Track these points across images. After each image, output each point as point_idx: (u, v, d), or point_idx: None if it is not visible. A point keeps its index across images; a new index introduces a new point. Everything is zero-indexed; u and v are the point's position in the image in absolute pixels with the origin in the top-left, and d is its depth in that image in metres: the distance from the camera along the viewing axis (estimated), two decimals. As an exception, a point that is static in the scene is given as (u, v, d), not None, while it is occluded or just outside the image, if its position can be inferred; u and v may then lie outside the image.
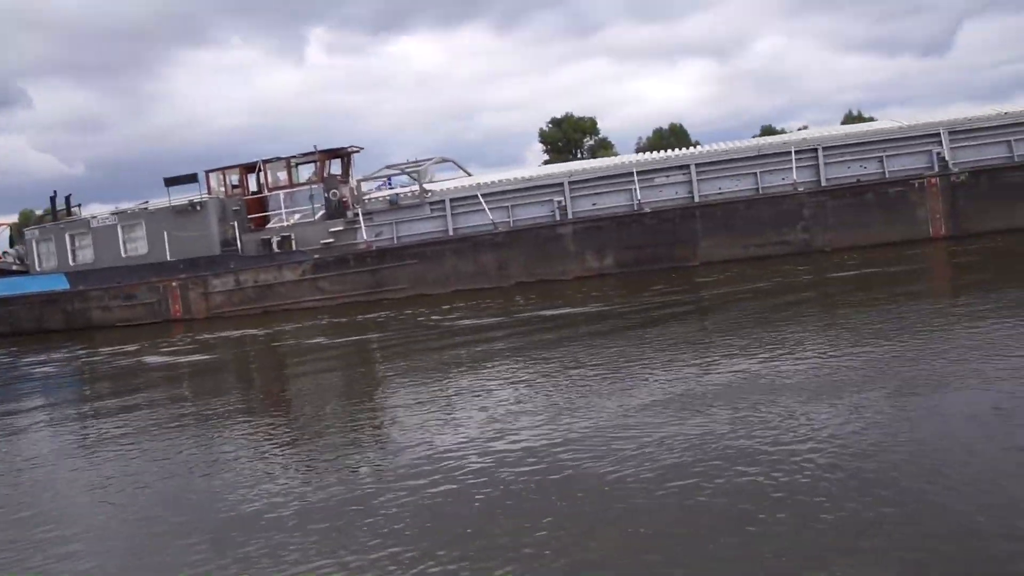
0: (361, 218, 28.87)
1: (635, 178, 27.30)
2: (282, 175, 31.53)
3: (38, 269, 32.20)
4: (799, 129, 75.45)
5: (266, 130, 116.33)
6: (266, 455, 10.51)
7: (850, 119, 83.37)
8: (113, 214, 31.80)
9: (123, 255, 31.01)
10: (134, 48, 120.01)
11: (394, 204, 29.04)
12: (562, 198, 27.96)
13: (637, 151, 66.87)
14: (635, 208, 27.26)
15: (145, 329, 28.96)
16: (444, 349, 17.28)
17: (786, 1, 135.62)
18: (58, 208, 33.64)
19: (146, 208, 31.49)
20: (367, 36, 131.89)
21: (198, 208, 30.15)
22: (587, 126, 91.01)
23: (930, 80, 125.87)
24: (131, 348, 23.85)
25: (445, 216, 28.66)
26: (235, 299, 29.49)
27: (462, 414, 11.21)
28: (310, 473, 9.46)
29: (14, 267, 33.28)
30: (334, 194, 30.27)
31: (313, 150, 30.54)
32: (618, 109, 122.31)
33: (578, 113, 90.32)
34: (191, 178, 31.06)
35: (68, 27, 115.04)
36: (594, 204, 28.01)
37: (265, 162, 30.79)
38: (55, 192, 33.68)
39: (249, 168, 31.80)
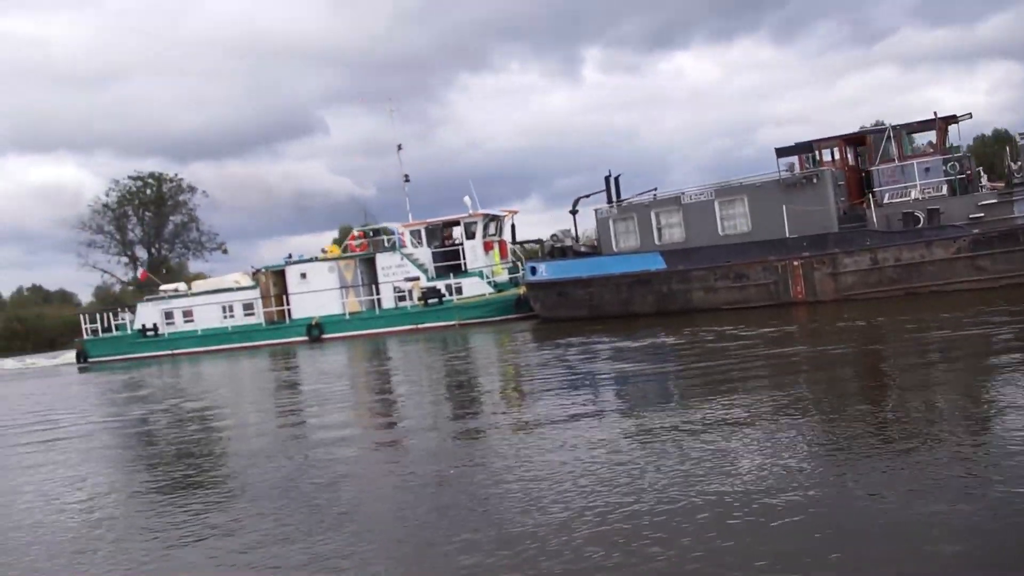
0: (1034, 188, 25.36)
1: None
2: (891, 147, 28.45)
3: (615, 249, 30.22)
4: None
5: (543, 150, 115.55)
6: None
7: None
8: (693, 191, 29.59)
9: (720, 233, 28.61)
10: (419, 76, 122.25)
11: (1070, 171, 25.40)
12: None
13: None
14: None
15: (760, 313, 26.19)
16: None
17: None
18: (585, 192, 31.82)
19: (748, 183, 28.96)
20: (642, 54, 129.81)
21: (814, 181, 27.37)
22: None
23: None
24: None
25: None
26: (871, 280, 26.45)
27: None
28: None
29: (583, 248, 31.61)
30: (953, 167, 27.05)
31: (932, 117, 27.30)
32: (910, 119, 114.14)
33: (867, 121, 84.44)
34: (806, 148, 28.50)
35: (358, 59, 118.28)
36: None
37: (872, 133, 27.83)
38: (609, 172, 31.87)
39: (850, 140, 28.99)
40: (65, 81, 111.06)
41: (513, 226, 38.54)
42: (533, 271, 31.61)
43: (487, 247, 37.25)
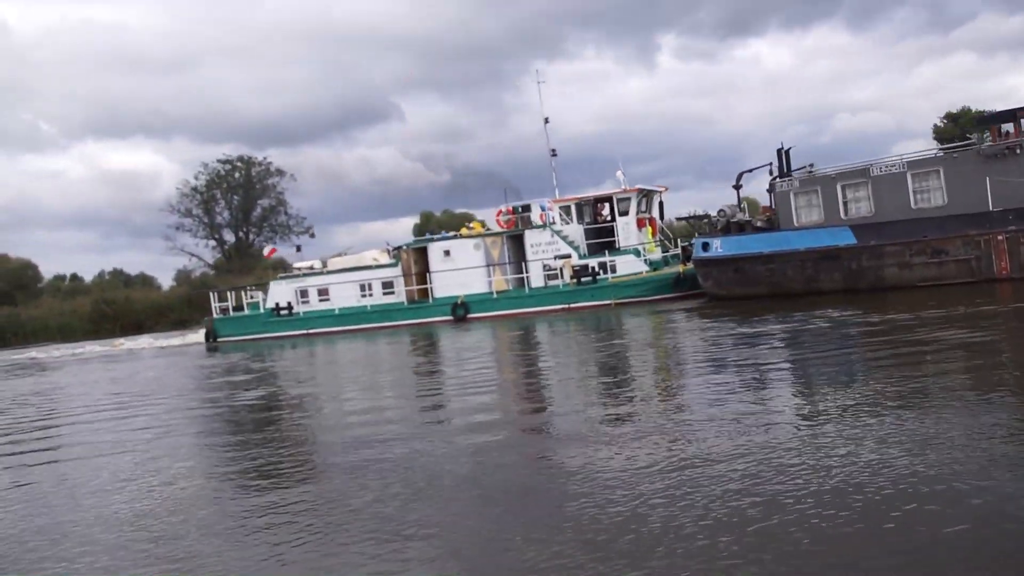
0: None
1: None
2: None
3: (795, 224, 29.19)
4: None
5: (618, 136, 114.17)
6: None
7: None
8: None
9: (912, 206, 27.44)
10: (493, 63, 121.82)
11: None
12: None
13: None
14: None
15: (960, 290, 25.03)
16: None
17: None
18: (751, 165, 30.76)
19: (945, 154, 27.77)
20: (717, 41, 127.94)
21: (1018, 151, 26.12)
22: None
23: None
24: None
25: None
26: (1081, 255, 25.22)
27: None
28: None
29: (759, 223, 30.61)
30: None
31: None
32: (987, 106, 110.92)
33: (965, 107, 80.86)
34: (1006, 117, 27.28)
35: (432, 45, 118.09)
36: None
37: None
38: (781, 144, 30.92)
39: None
40: (141, 67, 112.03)
41: (661, 203, 37.59)
42: (705, 247, 30.63)
43: (639, 224, 36.28)
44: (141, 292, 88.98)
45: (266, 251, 46.88)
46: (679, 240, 38.78)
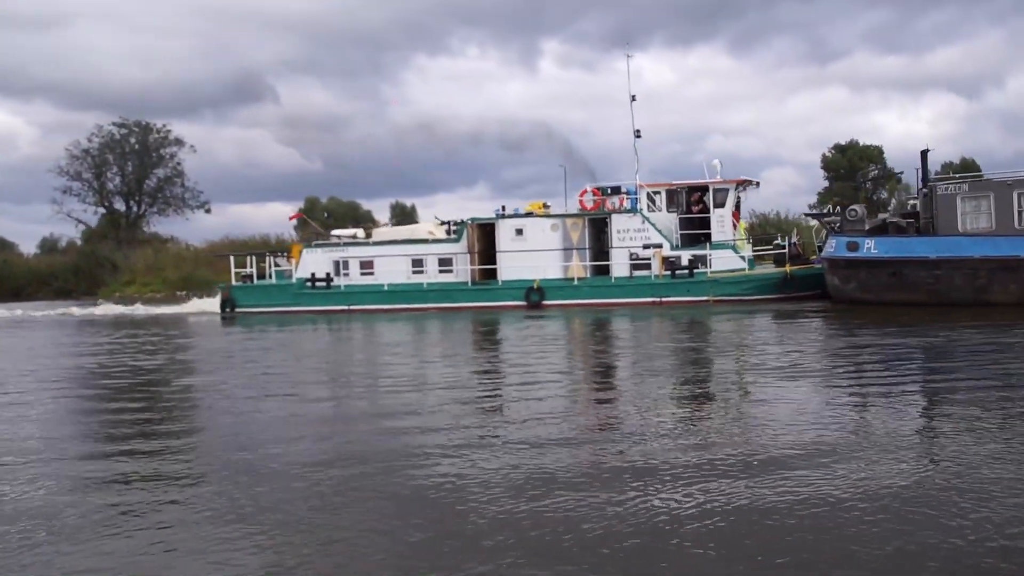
0: None
1: None
2: None
3: (959, 229, 27.37)
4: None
5: (493, 137, 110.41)
6: None
7: None
8: None
9: (1096, 220, 26.11)
10: (375, 53, 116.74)
11: None
12: None
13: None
14: None
15: None
16: None
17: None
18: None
19: None
20: (599, 52, 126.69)
21: None
22: (873, 155, 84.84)
23: None
24: None
25: None
26: None
27: None
28: None
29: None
30: None
31: None
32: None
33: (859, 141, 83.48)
34: None
35: (315, 29, 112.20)
36: None
37: None
38: (926, 147, 29.27)
39: None
40: (9, 22, 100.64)
41: (739, 199, 34.88)
42: (852, 247, 28.30)
43: (734, 218, 33.63)
44: (18, 257, 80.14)
45: (291, 215, 41.34)
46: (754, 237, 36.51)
